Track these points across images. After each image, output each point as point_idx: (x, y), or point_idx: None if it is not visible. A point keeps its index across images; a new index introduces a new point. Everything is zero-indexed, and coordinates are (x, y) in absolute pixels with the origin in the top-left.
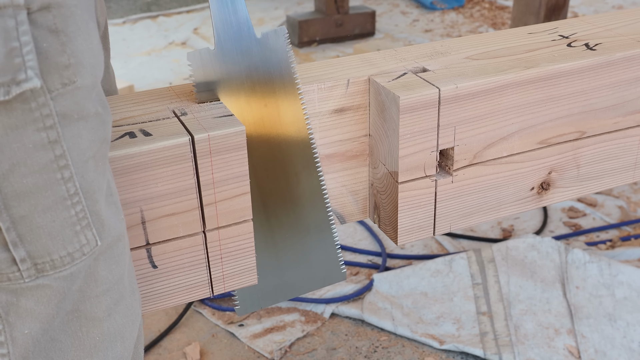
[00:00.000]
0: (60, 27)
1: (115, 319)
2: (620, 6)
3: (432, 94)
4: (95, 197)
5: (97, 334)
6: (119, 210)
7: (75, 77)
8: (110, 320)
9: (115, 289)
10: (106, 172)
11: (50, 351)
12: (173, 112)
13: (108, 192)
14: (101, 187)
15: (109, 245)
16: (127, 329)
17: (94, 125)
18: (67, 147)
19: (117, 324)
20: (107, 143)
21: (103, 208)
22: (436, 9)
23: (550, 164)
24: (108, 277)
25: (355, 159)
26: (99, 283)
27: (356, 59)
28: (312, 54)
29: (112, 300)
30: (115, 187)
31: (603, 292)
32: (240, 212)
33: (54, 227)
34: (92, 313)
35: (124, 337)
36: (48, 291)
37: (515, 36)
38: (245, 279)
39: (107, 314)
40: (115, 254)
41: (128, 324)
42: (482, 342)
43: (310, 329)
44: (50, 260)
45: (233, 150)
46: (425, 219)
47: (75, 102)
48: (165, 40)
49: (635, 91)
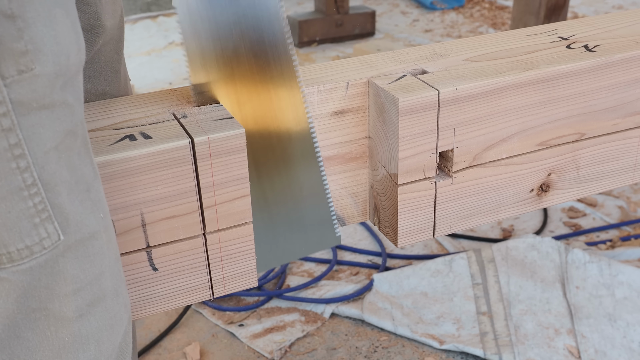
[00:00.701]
0: (16, 12)
1: (89, 320)
2: (620, 6)
3: (431, 96)
4: (58, 190)
5: (67, 335)
6: (98, 209)
7: (33, 65)
8: (83, 322)
9: (89, 290)
10: (76, 166)
11: (16, 348)
12: (173, 114)
13: (83, 188)
14: (65, 179)
15: (78, 242)
16: (105, 333)
17: (60, 116)
18: (24, 136)
19: (91, 327)
20: (75, 135)
21: (67, 201)
22: (436, 9)
23: (550, 166)
24: (79, 276)
25: (355, 161)
26: (68, 282)
27: (355, 61)
28: (312, 54)
29: (84, 301)
30: (97, 184)
31: (603, 292)
32: (241, 215)
33: (10, 218)
34: (61, 312)
35: (100, 341)
36: (6, 285)
37: (514, 38)
38: (246, 281)
39: (78, 314)
40: (89, 252)
41: (105, 328)
42: (482, 342)
43: (310, 329)
44: (6, 253)
45: (233, 152)
46: (425, 221)
47: (33, 89)
48: (165, 40)
49: (634, 93)
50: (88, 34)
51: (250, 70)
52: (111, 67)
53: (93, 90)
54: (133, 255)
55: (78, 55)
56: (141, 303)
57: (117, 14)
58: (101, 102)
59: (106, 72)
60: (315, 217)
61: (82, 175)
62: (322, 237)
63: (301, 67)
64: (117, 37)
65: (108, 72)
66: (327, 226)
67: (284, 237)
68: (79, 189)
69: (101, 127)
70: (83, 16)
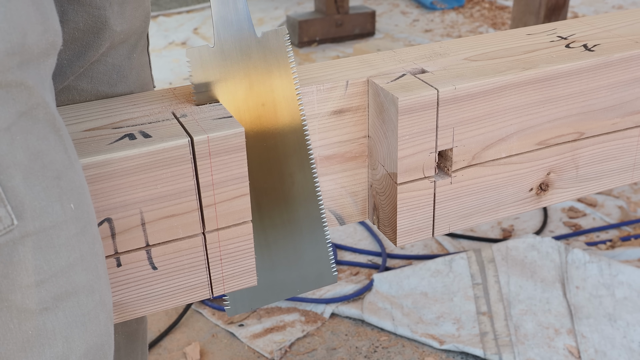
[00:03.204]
0: None
1: (56, 315)
2: (620, 6)
3: (430, 95)
4: (10, 172)
5: (30, 328)
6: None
7: None
8: (48, 316)
9: (54, 282)
10: (39, 151)
11: None
12: (172, 113)
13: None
14: (20, 162)
15: (40, 230)
16: (75, 331)
17: (15, 96)
18: None
19: (58, 322)
20: (34, 119)
21: (22, 186)
22: (436, 9)
23: (549, 165)
24: (43, 267)
25: (355, 161)
26: (30, 272)
27: (355, 60)
28: (312, 54)
29: (48, 293)
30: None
31: (603, 292)
32: (240, 214)
33: None
34: (24, 304)
35: (70, 338)
36: None
37: (513, 37)
38: (245, 280)
39: (43, 307)
40: (54, 243)
41: (76, 325)
42: (482, 342)
43: (310, 329)
44: None
45: (232, 151)
46: (425, 220)
47: None
48: (165, 40)
49: (633, 92)
50: (92, 36)
51: (259, 117)
52: (118, 71)
53: (94, 91)
54: (133, 254)
55: (43, 36)
56: (141, 302)
57: (135, 19)
58: (101, 101)
59: (111, 75)
60: (313, 254)
61: (49, 162)
62: (319, 275)
63: (300, 67)
64: (133, 42)
65: (113, 75)
66: (325, 264)
67: (282, 274)
68: (43, 175)
69: (101, 126)
70: (89, 18)
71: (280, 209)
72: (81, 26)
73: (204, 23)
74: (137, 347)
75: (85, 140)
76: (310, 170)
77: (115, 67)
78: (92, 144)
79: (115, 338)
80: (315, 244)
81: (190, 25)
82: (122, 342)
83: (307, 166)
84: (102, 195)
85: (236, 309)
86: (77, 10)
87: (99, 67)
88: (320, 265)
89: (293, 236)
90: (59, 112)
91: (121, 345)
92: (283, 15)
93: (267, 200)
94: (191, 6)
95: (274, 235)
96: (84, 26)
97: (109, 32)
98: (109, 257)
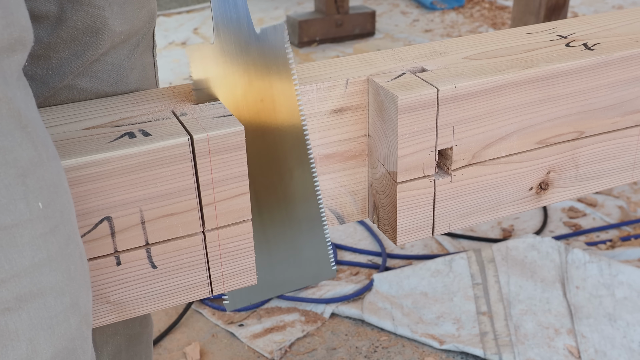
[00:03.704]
0: None
1: (20, 316)
2: (620, 6)
3: (430, 94)
4: None
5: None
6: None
7: None
8: (11, 316)
9: (17, 283)
10: (1, 147)
11: None
12: (172, 112)
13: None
14: None
15: (0, 228)
16: (41, 334)
17: None
18: None
19: (22, 323)
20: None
21: None
22: (436, 9)
23: (549, 164)
24: (4, 266)
25: (354, 159)
26: None
27: (355, 59)
28: (312, 54)
29: (11, 294)
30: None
31: (603, 292)
32: (240, 212)
33: None
34: None
35: (34, 341)
36: None
37: (513, 36)
38: (245, 279)
39: (5, 307)
40: (17, 242)
41: (42, 328)
42: (482, 342)
43: (310, 329)
44: None
45: (232, 150)
46: (424, 219)
47: None
48: (165, 40)
49: (633, 91)
50: (91, 36)
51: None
52: (118, 71)
53: (93, 90)
54: (132, 252)
55: (5, 30)
56: (140, 300)
57: (137, 20)
58: (100, 100)
59: (111, 75)
60: (312, 250)
61: (13, 159)
62: (317, 270)
63: (300, 66)
64: (135, 43)
65: (113, 75)
66: (323, 259)
67: (280, 269)
68: (5, 172)
69: (100, 125)
70: (88, 18)
71: (279, 204)
72: (80, 26)
73: (204, 23)
74: (140, 351)
75: (85, 138)
76: (309, 166)
77: (115, 66)
78: (91, 143)
79: (117, 340)
80: (314, 239)
81: (190, 25)
82: (123, 345)
83: (306, 162)
84: (101, 194)
85: (235, 304)
86: (76, 10)
87: (99, 67)
88: (318, 259)
89: (292, 231)
90: (59, 110)
91: (122, 347)
92: (283, 15)
93: (266, 195)
94: (191, 6)
95: (273, 230)
96: (83, 26)
97: (108, 32)
98: (108, 256)
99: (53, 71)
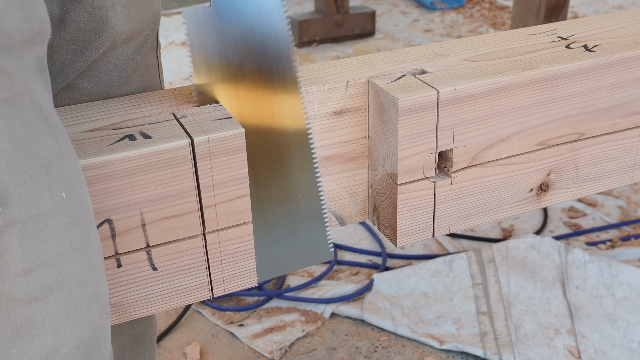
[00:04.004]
0: None
1: (46, 305)
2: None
3: (430, 95)
4: None
5: (19, 317)
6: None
7: None
8: (38, 305)
9: (43, 272)
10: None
11: None
12: (173, 114)
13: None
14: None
15: (26, 218)
16: (67, 322)
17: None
18: None
19: (48, 313)
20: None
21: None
22: (436, 9)
23: (549, 166)
24: (30, 255)
25: (355, 161)
26: (17, 261)
27: (355, 60)
28: (312, 54)
29: (37, 282)
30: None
31: (603, 292)
32: (240, 215)
33: None
34: (12, 293)
35: (60, 329)
36: None
37: (513, 38)
38: (245, 280)
39: (32, 297)
40: (42, 231)
41: (67, 317)
42: (482, 342)
43: (310, 329)
44: None
45: (232, 152)
46: (425, 221)
47: None
48: (165, 40)
49: (633, 92)
50: (93, 36)
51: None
52: (120, 71)
53: (95, 90)
54: (133, 254)
55: (26, 23)
56: (141, 302)
57: (141, 21)
58: (101, 102)
59: (112, 76)
60: (310, 231)
61: (37, 150)
62: (315, 251)
63: (301, 67)
64: (138, 44)
65: (115, 75)
66: (321, 241)
67: (278, 250)
68: (30, 162)
69: (101, 127)
70: (90, 18)
71: (277, 183)
72: (82, 26)
73: None
74: (144, 351)
75: (86, 141)
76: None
77: (117, 67)
78: (92, 145)
79: (122, 340)
80: (313, 221)
81: None
82: (128, 344)
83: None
84: (102, 196)
85: None
86: (78, 10)
87: (100, 67)
88: (317, 241)
89: (290, 212)
90: (59, 112)
91: (127, 347)
92: None
93: (263, 173)
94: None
95: (271, 210)
96: (86, 26)
97: (111, 33)
98: (109, 258)
99: (56, 72)
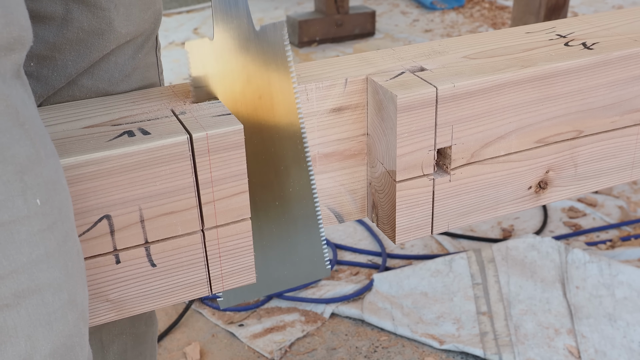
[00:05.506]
0: None
1: (18, 313)
2: (620, 6)
3: (429, 92)
4: None
5: None
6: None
7: None
8: (9, 312)
9: (15, 279)
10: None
11: None
12: (171, 111)
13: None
14: None
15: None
16: (40, 330)
17: None
18: None
19: (20, 320)
20: None
21: None
22: (436, 9)
23: (548, 163)
24: (2, 262)
25: (354, 158)
26: None
27: (354, 58)
28: (312, 54)
29: (9, 290)
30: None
31: (603, 292)
32: (239, 211)
33: None
34: None
35: (33, 337)
36: None
37: (512, 35)
38: (244, 277)
39: (3, 304)
40: (14, 238)
41: (41, 325)
42: (482, 342)
43: (310, 329)
44: None
45: (231, 148)
46: (423, 218)
47: None
48: (165, 41)
49: (632, 90)
50: (96, 38)
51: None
52: (121, 70)
53: (95, 88)
54: (131, 251)
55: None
56: (139, 299)
57: (143, 21)
58: (100, 99)
59: (113, 74)
60: (307, 248)
61: (11, 155)
62: (312, 269)
63: (300, 65)
64: (139, 43)
65: (115, 74)
66: (318, 258)
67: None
68: (3, 169)
69: (100, 123)
70: (94, 19)
71: (275, 202)
72: (85, 27)
73: (204, 23)
74: (145, 350)
75: (84, 137)
76: (305, 165)
77: (118, 65)
78: (91, 141)
79: (123, 339)
80: (309, 237)
81: (190, 25)
82: (129, 344)
83: (303, 160)
84: (100, 192)
85: (229, 301)
86: (81, 11)
87: (101, 65)
88: (313, 259)
89: (287, 229)
90: (58, 109)
91: (128, 346)
92: (283, 15)
93: (262, 193)
94: (191, 6)
95: (268, 228)
96: (89, 27)
97: (114, 34)
98: (107, 254)
99: (58, 72)
